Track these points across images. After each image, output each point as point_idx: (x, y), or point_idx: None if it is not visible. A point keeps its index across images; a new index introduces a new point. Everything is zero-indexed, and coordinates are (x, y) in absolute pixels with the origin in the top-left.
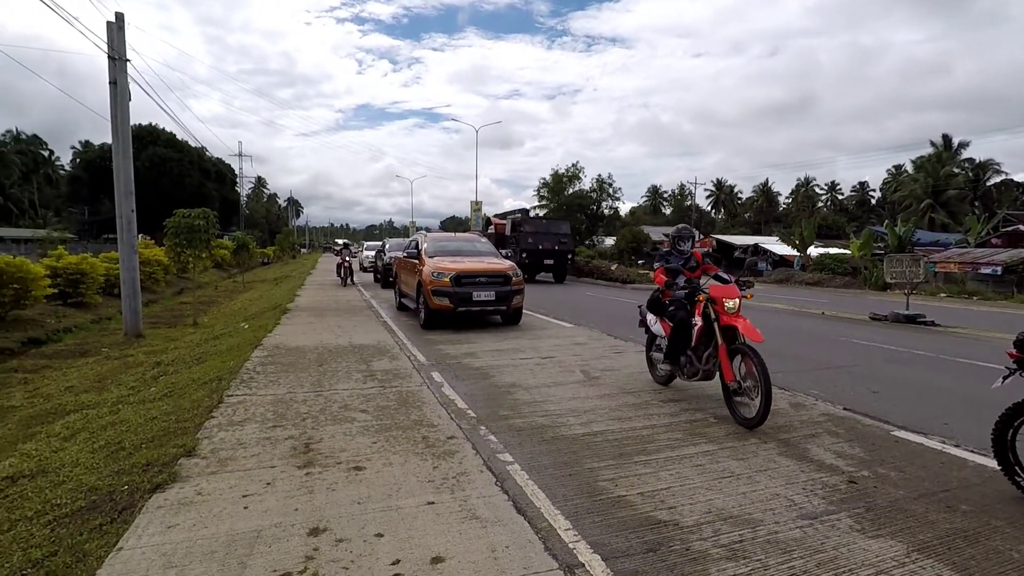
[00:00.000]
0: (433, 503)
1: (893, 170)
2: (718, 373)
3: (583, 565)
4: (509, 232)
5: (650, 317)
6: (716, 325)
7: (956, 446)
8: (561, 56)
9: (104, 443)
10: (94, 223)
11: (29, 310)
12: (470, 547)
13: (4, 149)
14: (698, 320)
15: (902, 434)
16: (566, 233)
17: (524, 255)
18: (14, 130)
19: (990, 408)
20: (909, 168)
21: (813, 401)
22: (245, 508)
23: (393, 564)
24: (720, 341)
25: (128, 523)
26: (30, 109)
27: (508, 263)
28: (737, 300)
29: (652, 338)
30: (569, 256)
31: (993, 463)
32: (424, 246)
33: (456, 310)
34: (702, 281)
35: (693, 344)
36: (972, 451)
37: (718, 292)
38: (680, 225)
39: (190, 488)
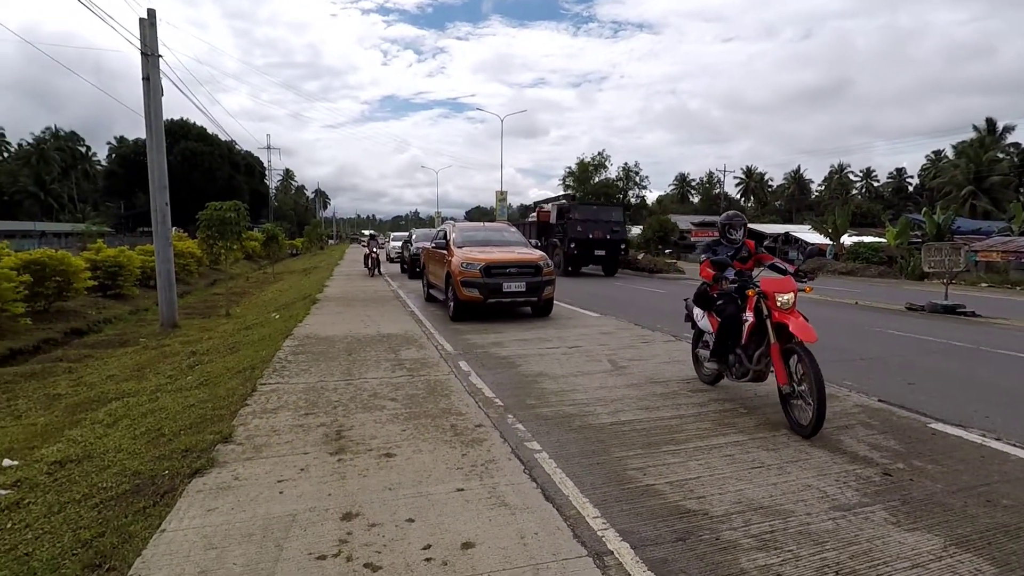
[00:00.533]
0: (462, 490)
1: (932, 156)
2: (771, 374)
3: (612, 552)
4: (555, 220)
5: (697, 312)
6: (769, 322)
7: (997, 439)
8: (587, 43)
9: (145, 429)
10: (130, 216)
11: (71, 301)
12: (499, 533)
13: (44, 146)
14: (749, 316)
15: (939, 426)
16: (619, 220)
17: (572, 245)
18: (53, 127)
19: None
20: (949, 153)
21: (846, 392)
22: (280, 493)
23: (424, 548)
24: (773, 340)
25: (170, 506)
26: (68, 106)
27: (538, 253)
28: (791, 294)
29: (699, 334)
30: (622, 246)
31: None
32: (452, 236)
33: (486, 302)
34: (755, 273)
35: (743, 342)
36: (1015, 444)
37: (771, 286)
38: (731, 212)
39: (228, 473)
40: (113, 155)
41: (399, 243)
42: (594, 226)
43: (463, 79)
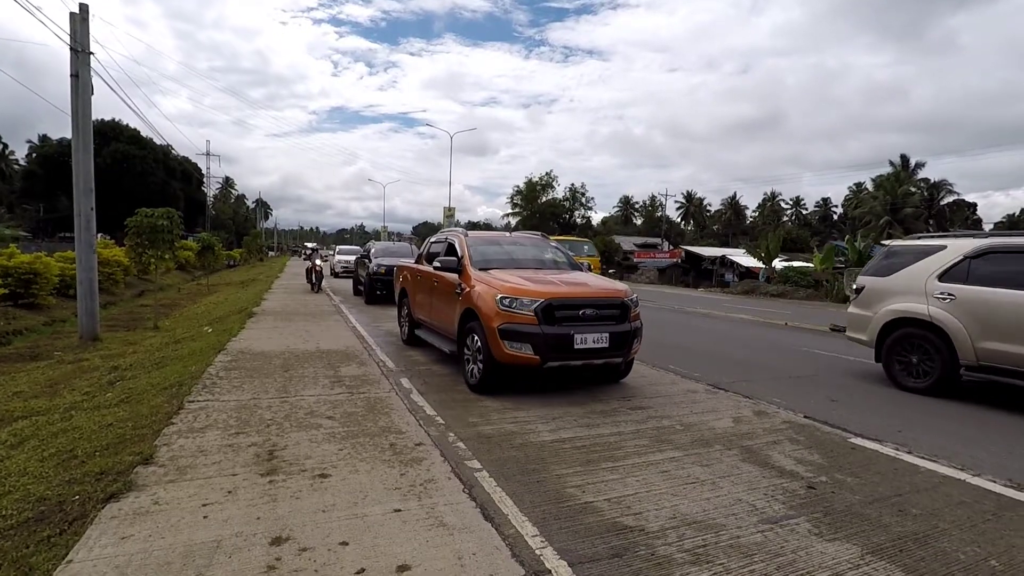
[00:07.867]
0: (400, 510)
1: (854, 187)
2: None
3: (550, 571)
4: None
5: None
6: None
7: (908, 452)
8: (538, 66)
9: (55, 451)
10: (49, 221)
11: None
12: (436, 554)
13: None
14: None
15: (858, 441)
16: None
17: None
18: None
19: (943, 418)
20: (869, 186)
21: (776, 409)
22: (204, 517)
23: (358, 573)
24: None
25: (79, 535)
26: None
27: (621, 285)
28: None
29: None
30: None
31: (943, 468)
32: (466, 251)
33: (543, 365)
34: None
35: None
36: (923, 457)
37: None
38: None
39: (146, 497)
40: (33, 154)
41: (348, 257)
42: None
43: (414, 94)
